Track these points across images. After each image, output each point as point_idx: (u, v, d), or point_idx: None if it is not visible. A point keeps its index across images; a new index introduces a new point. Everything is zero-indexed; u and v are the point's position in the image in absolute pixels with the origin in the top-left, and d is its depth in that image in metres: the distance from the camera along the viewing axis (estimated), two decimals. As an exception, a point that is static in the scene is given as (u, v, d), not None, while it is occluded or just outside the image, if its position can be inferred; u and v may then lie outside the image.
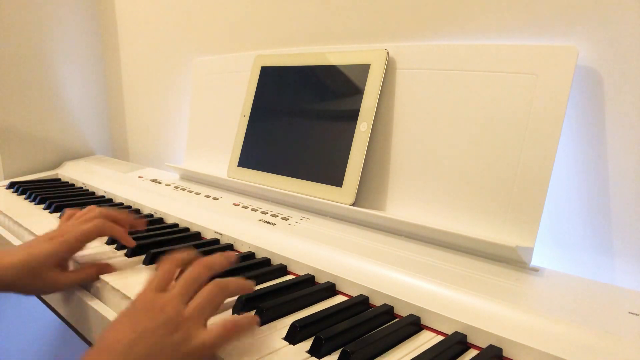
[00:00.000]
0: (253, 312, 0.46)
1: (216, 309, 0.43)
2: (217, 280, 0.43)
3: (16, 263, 0.51)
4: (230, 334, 0.40)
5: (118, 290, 0.52)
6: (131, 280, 0.55)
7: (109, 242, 0.67)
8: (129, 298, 0.51)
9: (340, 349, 0.40)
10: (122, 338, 0.37)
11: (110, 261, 0.59)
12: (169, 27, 1.19)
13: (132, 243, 0.62)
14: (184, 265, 0.45)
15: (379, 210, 0.68)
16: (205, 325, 0.41)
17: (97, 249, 0.65)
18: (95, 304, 0.53)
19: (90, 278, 0.55)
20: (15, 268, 0.51)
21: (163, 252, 0.67)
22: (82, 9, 1.30)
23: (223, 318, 0.41)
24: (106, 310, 0.51)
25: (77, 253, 0.56)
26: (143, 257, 0.62)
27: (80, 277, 0.55)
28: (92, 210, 0.60)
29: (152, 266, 0.60)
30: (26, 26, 1.18)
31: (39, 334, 1.28)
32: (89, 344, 0.56)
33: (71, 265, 0.58)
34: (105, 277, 0.55)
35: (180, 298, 0.41)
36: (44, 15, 1.21)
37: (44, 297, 0.65)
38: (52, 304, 0.62)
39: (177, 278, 0.44)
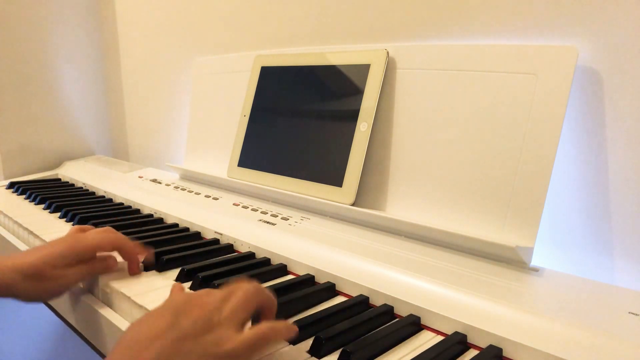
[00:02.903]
0: (290, 321, 0.44)
1: (250, 313, 0.39)
2: (255, 283, 0.40)
3: (23, 265, 0.49)
4: (266, 339, 0.37)
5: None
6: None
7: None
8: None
9: (340, 349, 0.40)
10: (155, 343, 0.33)
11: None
12: (169, 27, 1.19)
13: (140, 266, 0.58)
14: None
15: (379, 210, 0.68)
16: (239, 329, 0.37)
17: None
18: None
19: (99, 270, 0.54)
20: (20, 270, 0.48)
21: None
22: (82, 9, 1.30)
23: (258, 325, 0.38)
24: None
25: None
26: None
27: (88, 270, 0.53)
28: (108, 229, 0.57)
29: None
30: (26, 26, 1.18)
31: (39, 334, 1.28)
32: (89, 344, 0.56)
33: None
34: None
35: (220, 303, 0.38)
36: (44, 16, 1.21)
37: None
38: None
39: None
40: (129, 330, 0.35)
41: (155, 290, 0.52)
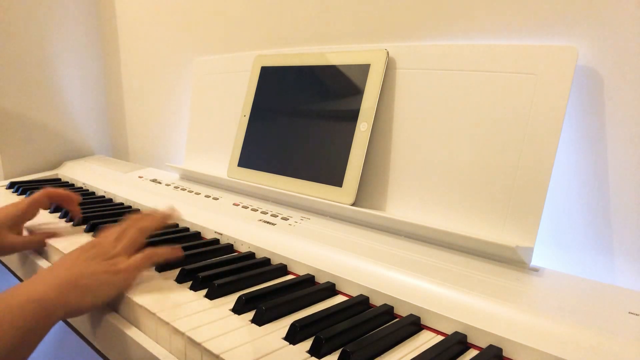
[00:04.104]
0: (177, 247, 0.58)
1: (137, 247, 0.55)
2: (139, 225, 0.57)
3: None
4: (149, 258, 0.54)
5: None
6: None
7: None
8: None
9: (340, 349, 0.40)
10: (68, 263, 0.49)
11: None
12: (169, 27, 1.19)
13: (78, 210, 0.75)
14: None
15: (379, 210, 0.68)
16: (130, 256, 0.53)
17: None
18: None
19: (39, 242, 0.67)
20: None
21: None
22: (82, 9, 1.30)
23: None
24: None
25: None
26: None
27: (31, 240, 0.66)
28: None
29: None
30: (27, 26, 1.18)
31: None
32: (89, 343, 0.56)
33: (25, 232, 0.70)
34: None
35: (114, 242, 0.54)
36: (45, 15, 1.21)
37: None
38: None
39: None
40: (55, 263, 0.50)
41: (158, 290, 0.52)
